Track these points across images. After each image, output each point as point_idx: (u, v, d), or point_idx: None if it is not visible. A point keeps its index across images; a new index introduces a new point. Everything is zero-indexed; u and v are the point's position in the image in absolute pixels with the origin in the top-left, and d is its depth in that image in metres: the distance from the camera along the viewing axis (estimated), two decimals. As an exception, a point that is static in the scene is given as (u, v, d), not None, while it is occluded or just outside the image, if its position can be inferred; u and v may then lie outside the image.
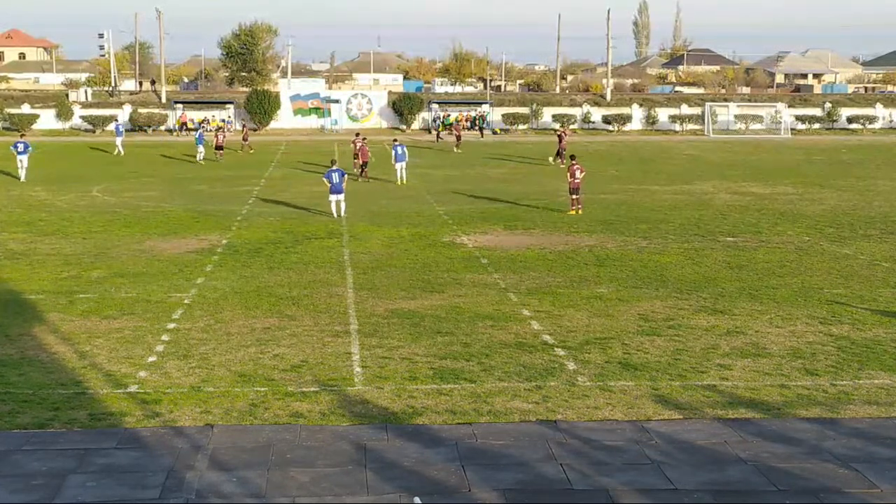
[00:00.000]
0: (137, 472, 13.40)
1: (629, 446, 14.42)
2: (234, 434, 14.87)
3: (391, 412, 15.93)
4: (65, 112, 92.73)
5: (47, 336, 20.49)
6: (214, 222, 36.72)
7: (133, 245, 31.66)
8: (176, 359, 18.91)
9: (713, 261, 29.32)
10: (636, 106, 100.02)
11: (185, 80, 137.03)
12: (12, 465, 13.62)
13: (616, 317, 22.41)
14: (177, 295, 24.44)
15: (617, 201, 43.36)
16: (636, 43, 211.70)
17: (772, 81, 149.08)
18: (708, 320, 22.15)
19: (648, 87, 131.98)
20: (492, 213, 39.44)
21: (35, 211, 39.93)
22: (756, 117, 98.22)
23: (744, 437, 14.77)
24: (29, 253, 30.22)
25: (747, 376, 18.01)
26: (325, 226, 35.75)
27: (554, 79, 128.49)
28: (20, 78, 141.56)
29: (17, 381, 17.45)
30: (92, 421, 15.43)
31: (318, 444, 14.41)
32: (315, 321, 21.82)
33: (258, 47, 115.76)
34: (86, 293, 24.67)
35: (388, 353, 19.34)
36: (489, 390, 17.08)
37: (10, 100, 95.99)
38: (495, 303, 23.76)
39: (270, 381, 17.48)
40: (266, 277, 26.63)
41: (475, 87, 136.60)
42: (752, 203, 43.14)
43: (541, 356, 19.21)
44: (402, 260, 29.23)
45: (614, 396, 16.81)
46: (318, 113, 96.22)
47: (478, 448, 14.33)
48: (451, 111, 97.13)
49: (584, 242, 32.44)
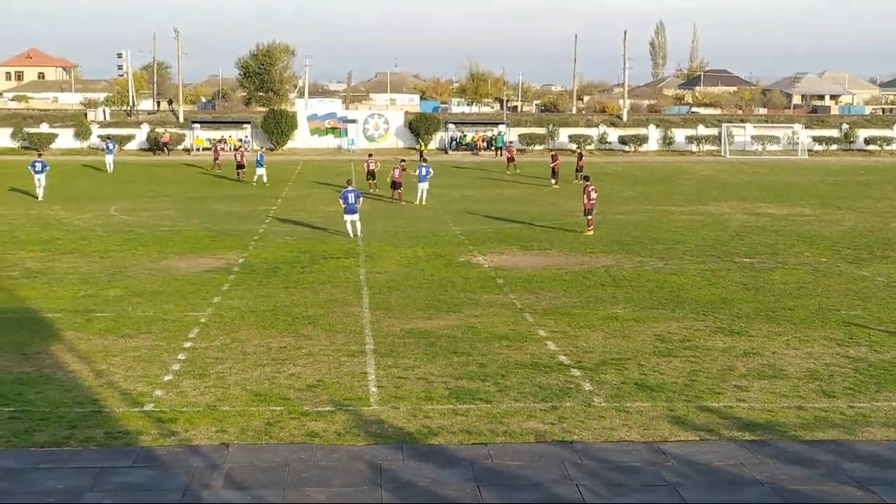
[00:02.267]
0: (153, 490, 13.42)
1: (645, 467, 14.38)
2: (249, 453, 14.87)
3: (407, 432, 15.91)
4: (83, 131, 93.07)
5: (64, 354, 20.55)
6: (231, 241, 36.80)
7: (150, 264, 31.74)
8: (192, 378, 18.94)
9: (730, 282, 29.24)
10: (652, 126, 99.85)
11: (202, 100, 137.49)
12: (29, 483, 13.65)
13: (632, 337, 22.36)
14: (193, 314, 24.49)
15: (633, 222, 43.31)
16: (653, 64, 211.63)
17: (789, 102, 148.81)
18: (724, 341, 22.08)
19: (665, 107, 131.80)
20: (508, 234, 39.42)
21: (53, 230, 40.08)
22: (773, 138, 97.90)
23: (760, 459, 14.71)
24: (46, 271, 30.33)
25: (764, 398, 17.95)
26: (342, 245, 35.79)
27: (570, 99, 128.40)
28: (39, 97, 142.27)
29: (34, 398, 17.50)
30: (108, 439, 15.46)
31: (334, 464, 14.40)
32: (331, 341, 21.83)
33: (275, 67, 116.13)
34: (103, 312, 24.74)
35: (404, 372, 19.33)
36: (505, 411, 17.05)
37: (30, 119, 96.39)
38: (511, 323, 23.73)
39: (286, 401, 17.49)
40: (282, 297, 26.66)
41: (492, 107, 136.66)
42: (768, 224, 43.04)
43: (557, 377, 19.17)
44: (418, 280, 29.24)
45: (630, 417, 16.76)
46: (335, 133, 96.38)
47: (493, 468, 14.31)
48: (468, 131, 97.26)
49: (601, 263, 32.40)
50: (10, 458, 14.58)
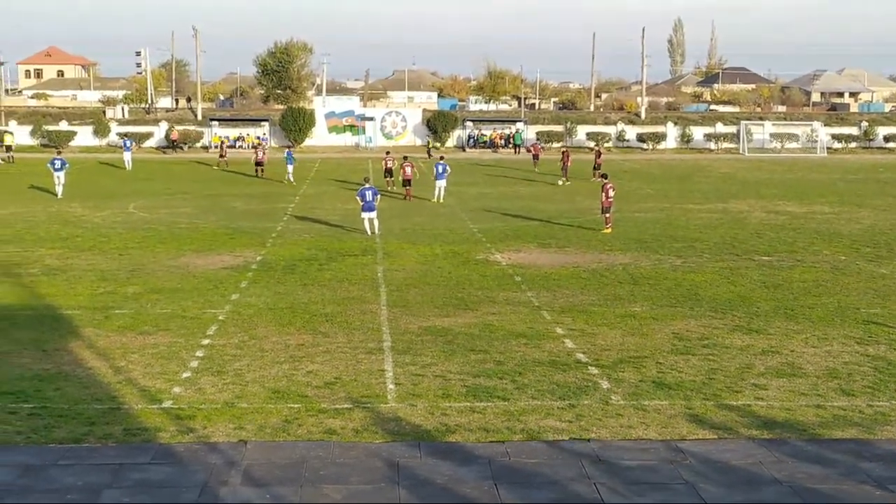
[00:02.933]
0: (171, 487, 13.46)
1: (663, 466, 14.35)
2: (267, 450, 14.91)
3: (424, 430, 15.92)
4: (102, 129, 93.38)
5: (83, 351, 20.63)
6: (249, 239, 36.87)
7: (168, 261, 31.83)
8: (210, 375, 18.99)
9: (748, 280, 29.16)
10: (671, 124, 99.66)
11: (220, 98, 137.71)
12: (48, 479, 13.71)
13: (650, 335, 22.32)
14: (211, 311, 24.55)
15: (651, 220, 43.22)
16: (671, 61, 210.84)
17: (807, 100, 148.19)
18: (743, 339, 22.03)
19: (683, 105, 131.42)
20: (525, 231, 39.40)
21: (72, 227, 40.22)
22: (792, 136, 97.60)
23: (779, 458, 14.67)
24: (66, 268, 30.44)
25: (783, 396, 17.89)
26: (359, 243, 35.82)
27: (588, 97, 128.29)
28: (58, 95, 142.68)
29: (53, 395, 17.57)
30: (127, 436, 15.51)
31: (351, 461, 14.42)
32: (348, 338, 21.86)
33: (293, 65, 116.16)
34: (121, 309, 24.82)
35: (422, 370, 19.34)
36: (522, 408, 17.05)
37: (49, 117, 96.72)
38: (529, 321, 23.72)
39: (304, 398, 17.52)
40: (300, 294, 26.70)
41: (509, 104, 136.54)
42: (787, 222, 42.90)
43: (574, 374, 19.15)
44: (435, 277, 29.24)
45: (648, 416, 16.74)
46: (353, 130, 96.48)
47: (511, 466, 14.30)
48: (485, 129, 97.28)
49: (618, 261, 32.35)
50: (29, 455, 14.65)
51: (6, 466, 14.16)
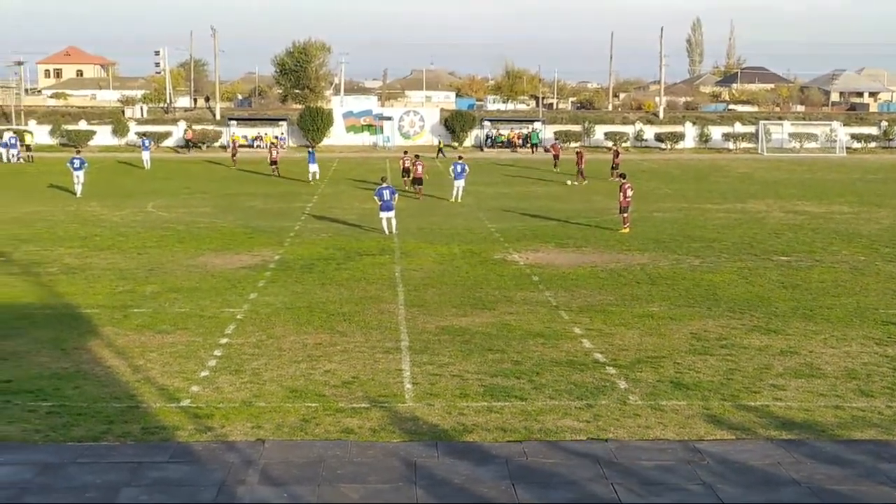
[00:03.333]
0: (189, 485, 13.50)
1: (681, 466, 14.32)
2: (285, 449, 14.93)
3: (441, 429, 15.93)
4: (121, 128, 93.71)
5: (102, 350, 20.69)
6: (267, 238, 36.93)
7: (186, 260, 31.91)
8: (228, 374, 19.03)
9: (767, 280, 29.07)
10: (689, 124, 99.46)
11: (238, 97, 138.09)
12: (66, 477, 13.76)
13: (668, 335, 22.27)
14: (229, 310, 24.61)
15: (669, 219, 43.12)
16: (689, 61, 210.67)
17: (826, 100, 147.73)
18: (761, 340, 21.96)
19: (702, 104, 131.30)
20: (543, 231, 39.36)
21: (91, 226, 40.36)
22: (811, 135, 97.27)
23: (797, 459, 14.62)
24: (84, 267, 30.55)
25: (801, 397, 17.83)
26: (377, 242, 35.85)
27: (606, 96, 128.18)
28: (77, 95, 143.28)
29: (71, 394, 17.64)
30: (145, 434, 15.56)
31: (369, 461, 14.43)
32: (366, 337, 21.87)
33: (311, 65, 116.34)
34: (140, 308, 24.90)
35: (439, 369, 19.35)
36: (540, 408, 17.03)
37: (68, 116, 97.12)
38: (546, 320, 23.70)
39: (321, 397, 17.54)
40: (318, 293, 26.74)
41: (527, 104, 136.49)
42: (806, 222, 42.75)
43: (592, 374, 19.13)
44: (453, 277, 29.24)
45: (666, 416, 16.70)
46: (371, 130, 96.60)
47: (528, 466, 14.29)
48: (503, 128, 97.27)
49: (636, 260, 32.29)
50: (48, 453, 14.71)
51: (25, 464, 14.22)
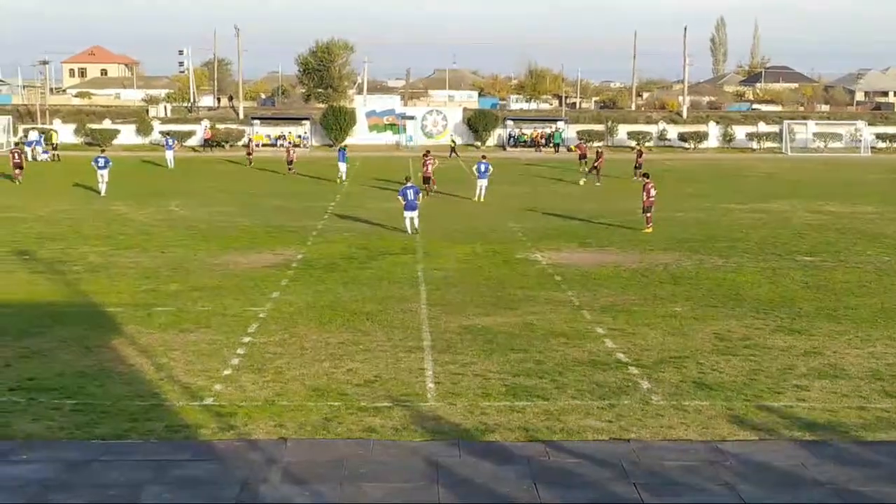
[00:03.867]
0: (212, 484, 13.54)
1: (703, 467, 14.28)
2: (307, 448, 14.96)
3: (464, 428, 15.93)
4: (145, 127, 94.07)
5: (126, 348, 20.78)
6: (290, 237, 37.00)
7: (210, 259, 32.01)
8: (251, 372, 19.08)
9: (790, 280, 28.95)
10: (713, 123, 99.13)
11: (262, 97, 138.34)
12: (90, 474, 13.83)
13: (691, 336, 22.21)
14: (252, 309, 24.66)
15: (693, 219, 43.00)
16: (713, 60, 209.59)
17: (851, 99, 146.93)
18: (785, 340, 21.87)
19: (725, 104, 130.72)
20: (566, 231, 39.31)
21: (115, 225, 40.52)
22: (835, 135, 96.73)
23: (821, 460, 14.56)
24: (108, 266, 30.68)
25: (825, 398, 17.75)
26: (400, 242, 35.88)
27: (630, 96, 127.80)
28: (102, 94, 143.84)
29: (96, 392, 17.72)
30: (168, 433, 15.63)
31: (391, 460, 14.45)
32: (388, 336, 21.89)
33: (334, 64, 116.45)
34: (163, 306, 24.98)
35: (461, 369, 19.35)
36: (562, 408, 17.01)
37: (92, 115, 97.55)
38: (569, 320, 23.67)
39: (344, 396, 17.57)
40: (340, 292, 26.78)
41: (550, 103, 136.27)
42: (830, 222, 42.55)
43: (614, 374, 19.09)
44: (475, 276, 29.23)
45: (688, 416, 16.66)
46: (393, 129, 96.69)
47: (550, 466, 14.28)
48: (526, 128, 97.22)
49: (660, 260, 32.21)
50: (72, 450, 14.78)
51: (50, 462, 14.30)
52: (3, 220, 40.12)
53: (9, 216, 41.07)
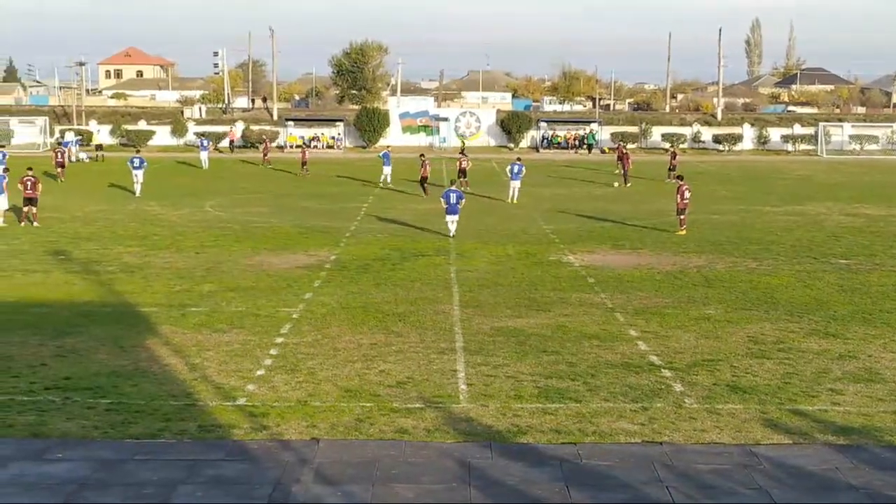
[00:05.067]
0: (245, 483, 13.59)
1: (737, 471, 14.21)
2: (339, 449, 14.99)
3: (496, 430, 15.92)
4: (179, 128, 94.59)
5: (160, 348, 20.90)
6: (323, 238, 37.11)
7: (243, 260, 32.15)
8: (284, 373, 19.14)
9: (825, 283, 28.77)
10: (747, 125, 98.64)
11: (296, 98, 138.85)
12: (124, 473, 13.91)
13: (724, 338, 22.11)
14: (285, 310, 24.75)
15: (727, 222, 42.81)
16: (748, 62, 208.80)
17: (888, 101, 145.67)
18: (819, 344, 21.73)
19: (760, 106, 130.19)
20: (599, 232, 39.22)
21: (149, 225, 40.78)
22: (871, 137, 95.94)
23: (856, 465, 14.45)
24: (143, 266, 30.87)
25: (860, 402, 17.63)
26: (433, 243, 35.90)
27: (664, 98, 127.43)
28: (137, 95, 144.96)
29: (130, 391, 17.83)
30: (201, 432, 15.70)
31: (423, 461, 14.45)
32: (421, 338, 21.91)
33: (368, 65, 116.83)
34: (197, 306, 25.11)
35: (494, 370, 19.34)
36: (594, 410, 16.98)
37: (128, 116, 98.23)
38: (602, 322, 23.61)
39: (376, 397, 17.60)
40: (373, 294, 26.82)
41: (584, 105, 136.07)
42: (866, 225, 42.24)
43: (647, 377, 19.03)
44: (508, 278, 29.22)
45: (722, 419, 16.58)
46: (427, 131, 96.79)
47: (582, 468, 14.25)
48: (559, 129, 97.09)
49: (693, 263, 32.08)
50: (106, 449, 14.87)
51: (84, 460, 14.40)
52: (42, 219, 40.42)
53: (46, 216, 41.34)
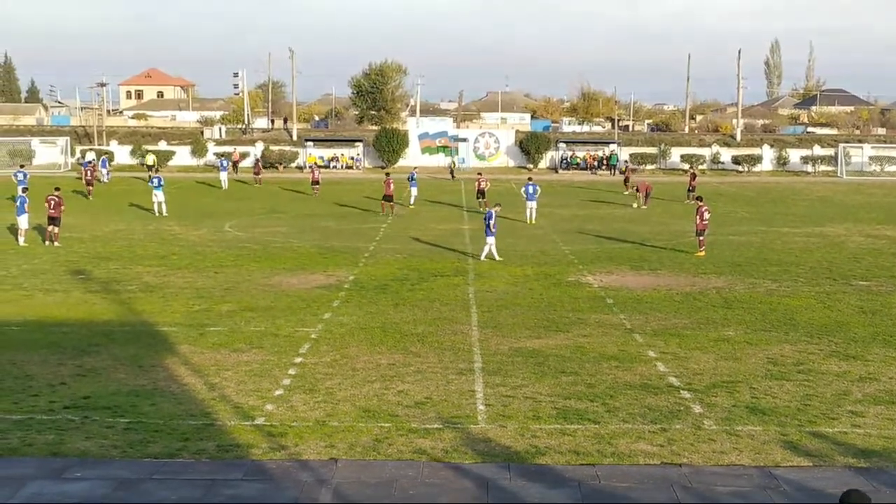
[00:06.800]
0: (263, 503, 13.58)
1: (756, 493, 14.15)
2: (357, 469, 14.99)
3: (514, 451, 15.89)
4: (199, 149, 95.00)
5: (178, 367, 20.95)
6: (341, 258, 37.16)
7: (262, 280, 32.21)
8: (302, 393, 19.15)
9: (845, 305, 28.65)
10: (767, 146, 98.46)
11: (315, 119, 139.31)
12: (143, 493, 13.93)
13: (744, 360, 22.03)
14: (304, 329, 24.78)
15: (746, 243, 42.69)
16: (767, 83, 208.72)
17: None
18: (839, 366, 21.63)
19: (780, 127, 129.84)
20: (618, 254, 39.17)
21: (169, 245, 40.91)
22: (891, 159, 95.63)
23: (877, 487, 14.37)
24: (162, 286, 30.97)
25: (881, 424, 17.53)
26: (451, 263, 35.92)
27: (683, 118, 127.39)
28: (158, 115, 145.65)
29: (148, 411, 17.88)
30: (220, 452, 15.72)
31: (441, 482, 14.44)
32: (439, 358, 21.91)
33: (388, 86, 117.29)
34: (216, 326, 25.17)
35: (512, 391, 19.31)
36: (613, 431, 16.93)
37: (149, 136, 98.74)
38: (620, 343, 23.56)
39: (394, 417, 17.59)
40: (391, 314, 26.84)
41: (603, 126, 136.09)
42: (886, 246, 42.07)
43: (666, 398, 18.98)
44: (526, 299, 29.19)
45: (741, 441, 16.51)
46: (446, 151, 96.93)
47: (601, 489, 14.21)
48: (578, 150, 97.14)
49: (712, 284, 32.00)
50: (125, 469, 14.91)
51: (103, 479, 14.43)
52: (62, 239, 40.60)
53: (66, 235, 41.53)
